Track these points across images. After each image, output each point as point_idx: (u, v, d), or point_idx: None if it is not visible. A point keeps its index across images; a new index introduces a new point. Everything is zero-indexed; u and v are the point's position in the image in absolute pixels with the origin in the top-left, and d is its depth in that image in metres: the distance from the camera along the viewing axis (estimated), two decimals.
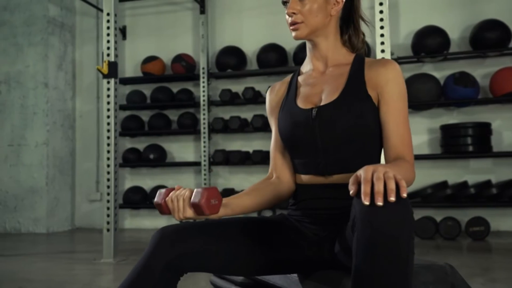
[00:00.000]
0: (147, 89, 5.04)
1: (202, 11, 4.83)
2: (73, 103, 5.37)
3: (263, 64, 4.65)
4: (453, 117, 4.35)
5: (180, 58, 4.82)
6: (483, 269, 2.78)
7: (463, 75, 4.06)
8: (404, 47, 4.44)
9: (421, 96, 4.14)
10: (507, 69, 4.05)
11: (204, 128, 4.75)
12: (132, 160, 4.90)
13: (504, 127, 4.21)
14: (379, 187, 0.87)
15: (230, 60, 4.74)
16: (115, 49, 3.04)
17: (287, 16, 1.28)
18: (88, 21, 5.40)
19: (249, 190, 1.28)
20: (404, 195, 0.88)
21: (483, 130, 4.05)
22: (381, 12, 2.64)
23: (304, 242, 1.22)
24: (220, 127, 4.63)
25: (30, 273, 2.84)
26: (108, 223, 3.00)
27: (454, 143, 4.09)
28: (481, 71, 4.28)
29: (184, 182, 4.94)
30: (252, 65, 4.88)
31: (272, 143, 1.37)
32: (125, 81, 5.10)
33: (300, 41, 4.52)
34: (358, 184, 0.91)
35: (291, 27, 1.27)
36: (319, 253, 1.21)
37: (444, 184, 4.15)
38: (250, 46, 4.86)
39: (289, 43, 4.67)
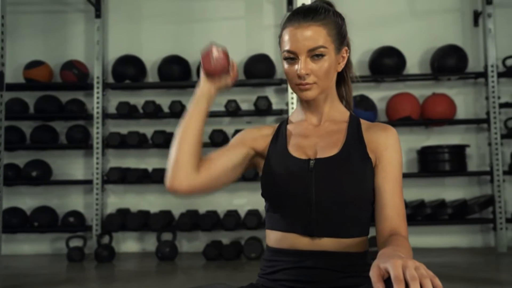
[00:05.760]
0: (30, 98, 4.46)
1: (98, 15, 4.41)
2: None
3: (165, 76, 4.38)
4: None
5: (71, 65, 4.34)
6: None
7: (363, 99, 4.21)
8: None
9: None
10: (402, 95, 4.29)
11: (97, 143, 4.32)
12: (9, 177, 4.29)
13: None
14: None
15: (129, 70, 4.38)
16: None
17: (291, 70, 1.15)
18: None
19: (200, 133, 1.20)
20: None
21: None
22: None
23: None
24: (117, 142, 4.25)
25: None
26: None
27: None
28: (377, 94, 4.48)
29: (72, 202, 4.46)
30: (152, 77, 4.57)
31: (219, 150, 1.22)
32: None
33: None
34: (384, 280, 0.79)
35: (301, 87, 1.14)
36: None
37: None
38: (150, 56, 4.55)
39: (193, 56, 4.46)
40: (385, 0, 4.59)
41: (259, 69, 4.33)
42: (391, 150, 1.13)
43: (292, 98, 4.21)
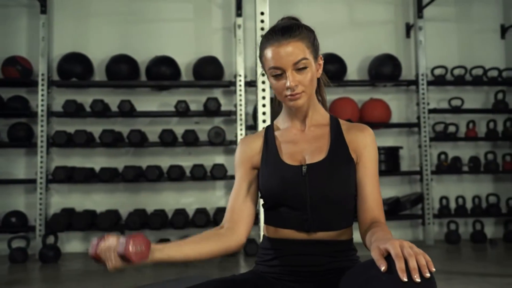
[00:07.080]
0: None
1: (44, 10, 4.31)
2: None
3: (113, 75, 4.36)
4: None
5: (14, 61, 4.21)
6: None
7: None
8: (252, 71, 4.65)
9: None
10: (343, 99, 4.57)
11: (42, 141, 4.23)
12: None
13: None
14: (414, 263, 0.92)
15: (75, 68, 4.32)
16: None
17: (280, 84, 1.25)
18: None
19: (193, 238, 1.25)
20: (433, 269, 0.94)
21: None
22: (262, 21, 2.63)
23: None
24: (63, 141, 4.18)
25: None
26: None
27: None
28: None
29: (13, 202, 4.33)
30: (99, 75, 4.54)
31: (234, 192, 1.33)
32: None
33: (153, 55, 4.44)
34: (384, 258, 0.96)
35: (291, 97, 1.25)
36: None
37: None
38: (97, 55, 4.52)
39: (141, 55, 4.49)
40: (327, 10, 4.86)
41: (208, 71, 4.43)
42: (370, 148, 1.30)
43: (241, 100, 4.37)
